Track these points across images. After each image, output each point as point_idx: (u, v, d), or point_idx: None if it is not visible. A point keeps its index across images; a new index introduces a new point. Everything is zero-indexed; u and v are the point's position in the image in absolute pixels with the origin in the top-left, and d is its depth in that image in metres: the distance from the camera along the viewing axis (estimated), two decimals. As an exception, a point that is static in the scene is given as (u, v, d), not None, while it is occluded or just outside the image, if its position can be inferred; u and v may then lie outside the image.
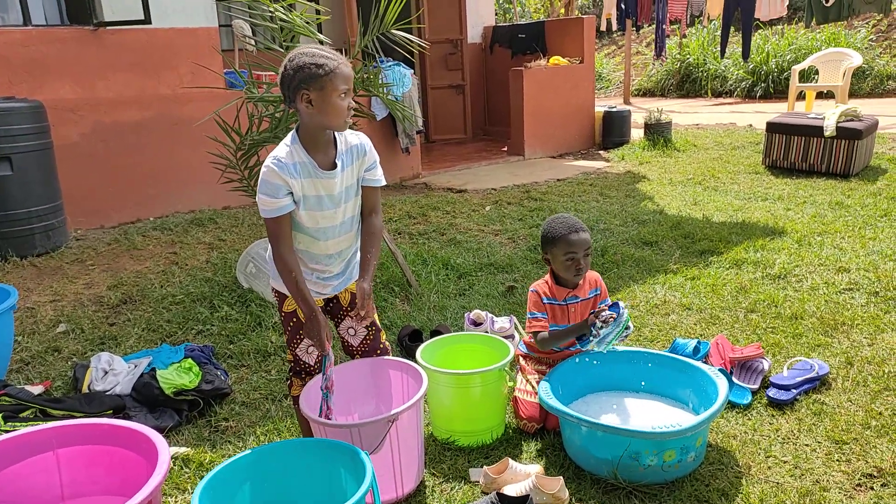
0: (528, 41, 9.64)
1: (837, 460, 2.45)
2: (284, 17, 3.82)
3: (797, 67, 9.91)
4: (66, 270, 4.80)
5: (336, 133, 2.24)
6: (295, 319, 2.43)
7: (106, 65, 5.82)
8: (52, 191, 5.17)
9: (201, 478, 1.95)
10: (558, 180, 7.29)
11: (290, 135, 2.21)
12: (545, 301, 2.77)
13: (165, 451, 1.90)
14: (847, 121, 6.64)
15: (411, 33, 4.03)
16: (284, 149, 2.17)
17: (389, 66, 6.99)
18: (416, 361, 2.60)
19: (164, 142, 6.16)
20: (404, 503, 2.34)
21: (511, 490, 2.25)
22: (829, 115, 6.72)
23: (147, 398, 2.92)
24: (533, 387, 2.74)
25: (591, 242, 2.71)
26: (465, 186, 7.12)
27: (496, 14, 13.76)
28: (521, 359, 2.94)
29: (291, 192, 2.16)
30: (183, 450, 2.66)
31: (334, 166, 2.23)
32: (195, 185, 6.27)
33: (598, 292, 2.84)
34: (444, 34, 9.45)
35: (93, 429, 2.10)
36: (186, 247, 5.26)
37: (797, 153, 6.88)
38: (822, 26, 12.37)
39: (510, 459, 2.41)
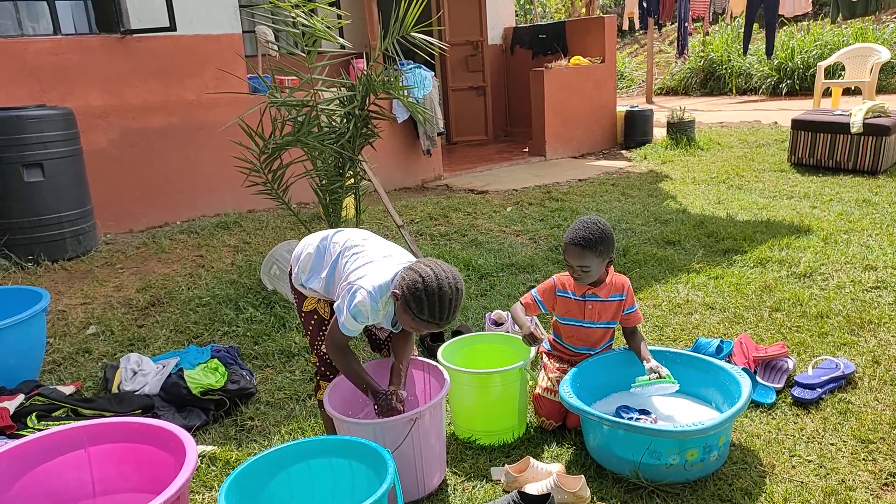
0: (548, 41, 9.63)
1: (864, 460, 2.42)
2: (306, 22, 3.87)
3: (823, 64, 9.76)
4: (96, 274, 4.90)
5: None
6: (316, 317, 2.46)
7: (133, 72, 5.93)
8: (83, 196, 5.29)
9: (227, 475, 1.98)
10: (580, 180, 7.26)
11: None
12: (559, 293, 2.77)
13: (193, 449, 1.94)
14: (874, 117, 6.53)
15: (431, 35, 4.05)
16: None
17: (410, 68, 7.02)
18: (437, 361, 2.63)
19: (189, 147, 6.26)
20: (426, 501, 2.37)
21: (532, 489, 2.27)
22: (855, 112, 6.62)
23: (175, 398, 2.98)
24: (553, 385, 2.74)
25: (586, 260, 2.60)
26: (486, 188, 7.14)
27: (516, 15, 13.75)
28: (544, 356, 2.95)
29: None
30: (210, 448, 2.71)
31: None
32: (220, 189, 6.37)
33: (623, 298, 2.77)
34: (465, 36, 9.47)
35: (123, 427, 2.15)
36: (212, 250, 5.34)
37: (823, 150, 6.79)
38: (848, 21, 12.17)
39: (531, 458, 2.42)
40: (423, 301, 2.09)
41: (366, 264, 2.26)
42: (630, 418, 2.59)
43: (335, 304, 2.26)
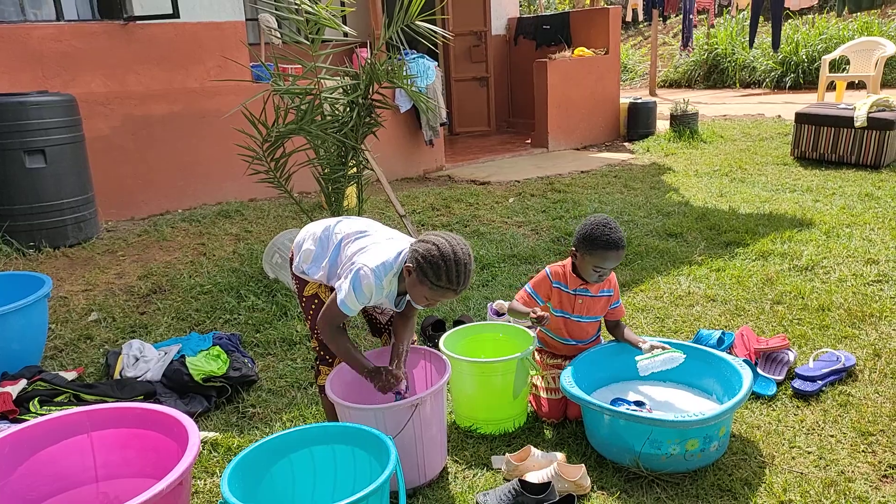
0: (552, 32, 9.59)
1: (863, 451, 2.43)
2: (310, 9, 3.86)
3: (828, 57, 9.72)
4: (97, 261, 4.90)
5: None
6: (317, 301, 2.47)
7: (135, 59, 5.91)
8: (84, 183, 5.28)
9: (229, 461, 1.99)
10: (582, 172, 7.25)
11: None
12: (555, 284, 2.77)
13: (195, 434, 1.94)
14: (878, 111, 6.51)
15: (435, 25, 4.04)
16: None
17: (414, 58, 7.00)
18: (438, 350, 2.63)
19: (192, 135, 6.25)
20: (427, 488, 2.37)
21: (533, 477, 2.27)
22: (859, 106, 6.60)
23: (177, 384, 2.98)
24: (550, 383, 2.74)
25: (619, 260, 2.64)
26: (488, 178, 7.13)
27: (521, 5, 13.68)
28: (535, 354, 2.92)
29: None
30: (212, 434, 2.72)
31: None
32: (222, 178, 6.36)
33: (611, 294, 2.80)
34: (469, 26, 9.43)
35: (125, 412, 2.15)
36: (214, 238, 5.34)
37: (826, 144, 6.77)
38: (854, 15, 12.10)
39: (532, 447, 2.43)
40: (440, 267, 2.12)
41: (368, 245, 2.28)
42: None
43: (336, 283, 2.27)
